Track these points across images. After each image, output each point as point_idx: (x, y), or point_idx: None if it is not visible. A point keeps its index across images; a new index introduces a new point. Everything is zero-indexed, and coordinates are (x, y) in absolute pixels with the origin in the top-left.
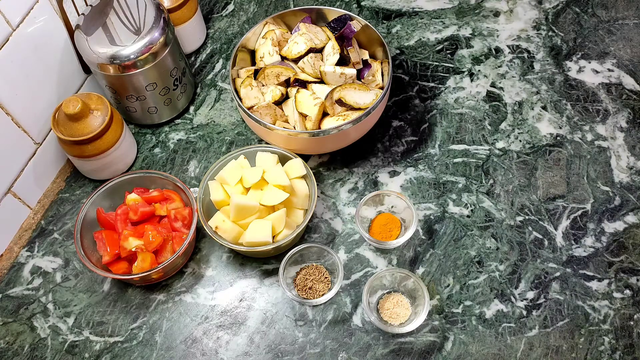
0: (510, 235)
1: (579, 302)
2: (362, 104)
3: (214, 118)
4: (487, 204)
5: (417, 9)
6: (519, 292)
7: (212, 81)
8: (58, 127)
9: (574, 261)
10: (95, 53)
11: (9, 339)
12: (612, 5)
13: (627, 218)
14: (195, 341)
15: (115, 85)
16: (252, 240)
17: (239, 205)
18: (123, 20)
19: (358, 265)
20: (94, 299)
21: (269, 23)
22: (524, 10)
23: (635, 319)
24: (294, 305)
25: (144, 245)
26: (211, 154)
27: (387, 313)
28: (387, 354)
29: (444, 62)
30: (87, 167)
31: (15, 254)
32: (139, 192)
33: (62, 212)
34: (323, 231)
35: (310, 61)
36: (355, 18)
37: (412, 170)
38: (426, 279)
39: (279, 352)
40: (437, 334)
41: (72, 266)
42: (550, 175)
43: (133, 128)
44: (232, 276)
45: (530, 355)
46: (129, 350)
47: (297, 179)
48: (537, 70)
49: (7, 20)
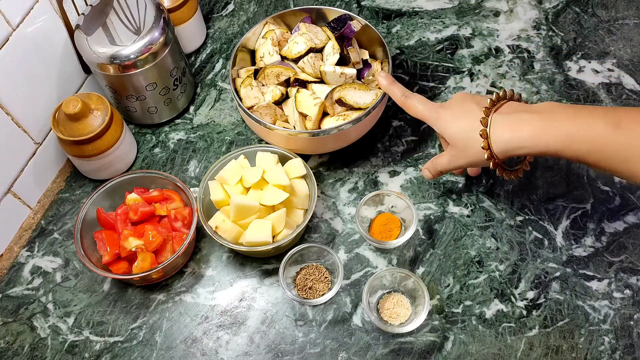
0: (510, 235)
1: (579, 302)
2: (362, 103)
3: (214, 118)
4: (487, 203)
5: (417, 9)
6: (519, 292)
7: (212, 81)
8: (58, 127)
9: (574, 261)
10: (95, 53)
11: (9, 339)
12: (612, 5)
13: (627, 218)
14: (195, 341)
15: (115, 85)
16: (252, 240)
17: (239, 205)
18: (123, 20)
19: (358, 265)
20: (94, 298)
21: (269, 23)
22: (524, 10)
23: (635, 319)
24: (294, 305)
25: (144, 245)
26: (211, 154)
27: (387, 313)
28: (387, 354)
29: (444, 62)
30: (87, 167)
31: (15, 254)
32: (139, 192)
33: (62, 212)
34: (323, 231)
35: (310, 61)
36: (355, 18)
37: (412, 170)
38: (426, 278)
39: (279, 352)
40: (437, 334)
41: (72, 266)
42: (550, 175)
43: (133, 128)
44: (232, 276)
45: (530, 355)
46: (129, 350)
47: (297, 178)
48: (537, 70)
49: (7, 20)
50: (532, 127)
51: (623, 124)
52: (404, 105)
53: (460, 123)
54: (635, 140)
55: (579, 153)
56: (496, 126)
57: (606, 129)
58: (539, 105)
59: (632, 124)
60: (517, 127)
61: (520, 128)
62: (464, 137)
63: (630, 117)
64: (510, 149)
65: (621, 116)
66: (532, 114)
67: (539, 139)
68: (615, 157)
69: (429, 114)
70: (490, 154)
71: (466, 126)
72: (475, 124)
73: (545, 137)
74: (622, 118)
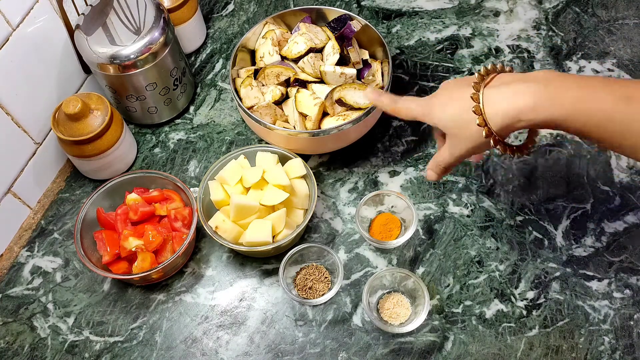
0: (510, 235)
1: (579, 302)
2: (362, 103)
3: (214, 118)
4: (487, 203)
5: (417, 9)
6: (519, 292)
7: (212, 81)
8: (58, 127)
9: (574, 261)
10: (95, 53)
11: (9, 339)
12: (612, 5)
13: (627, 218)
14: (195, 341)
15: (115, 85)
16: (252, 240)
17: (239, 205)
18: (123, 20)
19: (358, 265)
20: (94, 298)
21: (269, 23)
22: (524, 10)
23: (635, 319)
24: (294, 305)
25: (144, 245)
26: (211, 154)
27: (387, 313)
28: (387, 354)
29: (444, 62)
30: (87, 167)
31: (15, 254)
32: (139, 192)
33: (62, 212)
34: (323, 231)
35: (310, 61)
36: (355, 18)
37: (412, 170)
38: (426, 278)
39: (279, 352)
40: (437, 334)
41: (72, 266)
42: (550, 175)
43: (133, 128)
44: (232, 276)
45: (530, 355)
46: (129, 350)
47: (297, 178)
48: (537, 70)
49: (7, 20)
50: (532, 96)
51: (635, 98)
52: (396, 110)
53: (451, 107)
54: None
55: (585, 126)
56: (489, 100)
57: (617, 102)
58: (534, 73)
59: None
60: (514, 98)
61: (517, 98)
62: (458, 120)
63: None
64: (510, 123)
65: (631, 89)
66: (529, 82)
67: (541, 108)
68: (626, 132)
69: (422, 109)
70: (489, 130)
71: (458, 108)
72: (467, 104)
73: (548, 106)
74: (633, 91)
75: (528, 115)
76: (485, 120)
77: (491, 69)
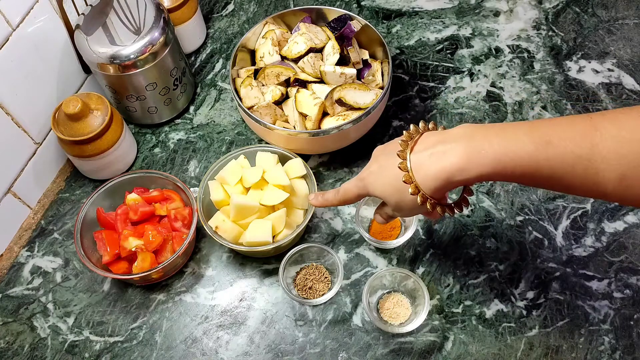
0: (510, 235)
1: (579, 302)
2: (362, 103)
3: (214, 118)
4: (487, 203)
5: (417, 9)
6: (519, 292)
7: (212, 81)
8: (58, 127)
9: (574, 261)
10: (95, 53)
11: (9, 339)
12: (612, 5)
13: (627, 218)
14: (195, 341)
15: (115, 85)
16: (252, 240)
17: (239, 205)
18: (123, 20)
19: (358, 265)
20: (94, 298)
21: (269, 23)
22: (524, 10)
23: (635, 319)
24: (294, 305)
25: (144, 245)
26: (211, 154)
27: (387, 313)
28: (387, 354)
29: (444, 62)
30: (87, 167)
31: (15, 254)
32: (139, 192)
33: (62, 212)
34: (323, 231)
35: (310, 61)
36: (355, 18)
37: None
38: (426, 278)
39: (279, 352)
40: (437, 334)
41: (72, 266)
42: None
43: (133, 128)
44: (232, 276)
45: (530, 355)
46: (129, 350)
47: (297, 178)
48: (537, 70)
49: (7, 20)
50: (456, 156)
51: (554, 141)
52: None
53: (383, 178)
54: (568, 157)
55: (513, 175)
56: (418, 166)
57: (538, 149)
58: (454, 130)
59: (563, 141)
60: (441, 161)
61: (444, 160)
62: (392, 191)
63: (557, 133)
64: (442, 185)
65: (549, 133)
66: (452, 143)
67: (469, 165)
68: (552, 176)
69: (358, 188)
70: (423, 197)
71: (390, 177)
72: (397, 173)
73: (475, 164)
74: (551, 135)
75: (458, 175)
76: (418, 187)
77: (414, 131)
